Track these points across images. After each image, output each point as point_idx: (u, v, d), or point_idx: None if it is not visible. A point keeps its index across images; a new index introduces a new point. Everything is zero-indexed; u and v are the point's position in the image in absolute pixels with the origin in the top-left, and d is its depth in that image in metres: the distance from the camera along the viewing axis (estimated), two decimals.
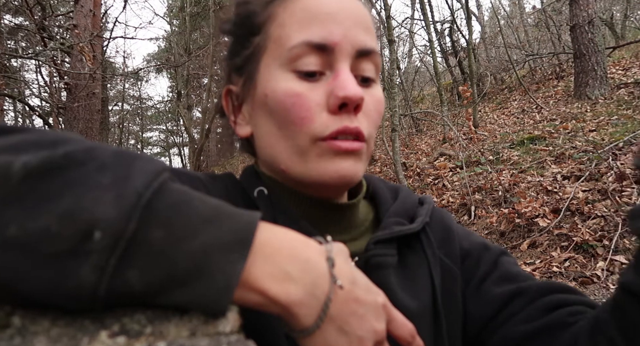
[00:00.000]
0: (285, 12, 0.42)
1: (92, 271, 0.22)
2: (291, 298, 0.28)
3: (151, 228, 0.24)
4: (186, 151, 17.37)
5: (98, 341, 0.22)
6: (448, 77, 11.39)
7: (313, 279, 0.29)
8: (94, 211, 0.22)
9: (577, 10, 6.07)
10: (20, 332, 0.21)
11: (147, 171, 0.25)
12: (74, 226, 0.22)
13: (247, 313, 0.29)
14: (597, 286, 2.56)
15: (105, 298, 0.23)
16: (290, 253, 0.29)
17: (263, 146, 0.46)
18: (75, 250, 0.22)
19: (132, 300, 0.24)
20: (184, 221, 0.25)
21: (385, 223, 0.49)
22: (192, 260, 0.24)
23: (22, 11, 6.93)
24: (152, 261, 0.24)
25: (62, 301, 0.22)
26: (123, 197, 0.23)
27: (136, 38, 26.28)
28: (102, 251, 0.22)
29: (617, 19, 10.51)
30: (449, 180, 4.99)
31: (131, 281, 0.23)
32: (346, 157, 0.42)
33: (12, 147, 0.23)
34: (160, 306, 0.25)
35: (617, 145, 3.79)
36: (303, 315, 0.29)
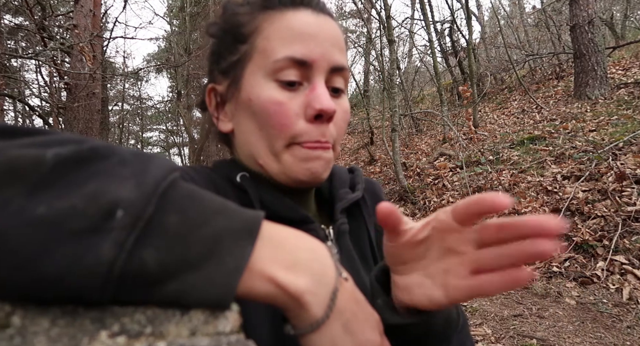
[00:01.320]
0: (271, 27, 0.49)
1: (111, 247, 0.23)
2: (300, 286, 0.29)
3: (167, 213, 0.26)
4: (186, 151, 17.40)
5: (98, 341, 0.22)
6: (448, 77, 11.39)
7: (321, 268, 0.31)
8: (118, 193, 0.24)
9: (577, 10, 6.07)
10: (20, 332, 0.21)
11: (163, 167, 0.28)
12: (98, 205, 0.24)
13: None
14: (597, 286, 2.56)
15: (120, 278, 0.23)
16: (296, 242, 0.31)
17: (243, 143, 0.53)
18: (97, 227, 0.23)
19: (145, 284, 0.25)
20: (196, 210, 0.27)
21: (339, 193, 0.58)
22: (204, 245, 0.26)
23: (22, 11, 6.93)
24: (167, 243, 0.25)
25: (78, 281, 0.23)
26: (143, 185, 0.26)
27: (136, 38, 26.27)
28: (123, 229, 0.24)
29: (617, 19, 10.51)
30: (449, 180, 4.99)
31: (146, 260, 0.24)
32: (317, 159, 0.49)
33: (42, 144, 0.26)
34: (167, 300, 0.25)
35: (617, 145, 3.79)
36: (312, 304, 0.30)
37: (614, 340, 2.08)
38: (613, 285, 2.52)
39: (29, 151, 0.24)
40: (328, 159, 0.50)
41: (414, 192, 5.02)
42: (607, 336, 2.11)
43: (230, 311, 0.27)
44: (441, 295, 0.38)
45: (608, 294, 2.48)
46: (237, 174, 0.51)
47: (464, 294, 0.37)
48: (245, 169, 0.54)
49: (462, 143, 5.70)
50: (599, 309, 2.35)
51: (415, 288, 0.40)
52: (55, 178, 0.24)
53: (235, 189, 0.51)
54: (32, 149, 0.25)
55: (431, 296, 0.39)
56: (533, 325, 2.33)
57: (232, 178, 0.51)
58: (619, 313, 2.29)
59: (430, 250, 0.39)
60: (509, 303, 2.62)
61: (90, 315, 0.23)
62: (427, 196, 4.85)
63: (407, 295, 0.40)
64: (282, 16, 0.49)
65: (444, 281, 0.38)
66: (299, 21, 0.48)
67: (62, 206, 0.23)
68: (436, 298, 0.38)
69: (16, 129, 0.27)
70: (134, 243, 0.24)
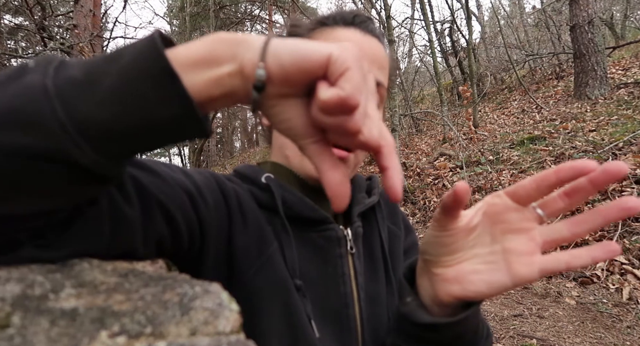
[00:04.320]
0: (320, 37, 0.55)
1: (39, 74, 0.25)
2: (235, 65, 0.27)
3: (70, 68, 0.26)
4: (186, 151, 17.36)
5: (98, 341, 0.22)
6: (448, 77, 11.39)
7: (238, 39, 0.28)
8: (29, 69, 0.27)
9: (577, 10, 6.07)
10: (20, 332, 0.21)
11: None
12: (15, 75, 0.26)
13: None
14: (597, 286, 2.56)
15: (57, 93, 0.25)
16: (201, 46, 0.28)
17: (277, 135, 0.59)
18: (23, 73, 0.26)
19: (81, 88, 0.25)
20: (97, 60, 0.27)
21: (357, 197, 0.60)
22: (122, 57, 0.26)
23: (22, 11, 6.94)
24: (85, 65, 0.27)
25: (28, 106, 0.24)
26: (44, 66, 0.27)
27: (136, 38, 26.28)
28: (41, 66, 0.26)
29: (617, 19, 10.51)
30: (449, 180, 4.99)
31: (72, 73, 0.26)
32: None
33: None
34: (112, 98, 0.25)
35: (617, 145, 3.79)
36: (249, 67, 0.26)
37: (614, 340, 2.08)
38: (613, 285, 2.52)
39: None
40: (346, 161, 0.53)
41: (414, 192, 5.02)
42: (607, 336, 2.11)
43: (231, 311, 0.27)
44: (504, 277, 0.39)
45: (608, 294, 2.48)
46: (262, 175, 0.54)
47: (535, 270, 0.38)
48: (271, 168, 0.58)
49: (462, 143, 5.70)
50: (599, 309, 2.35)
51: (470, 276, 0.40)
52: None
53: (260, 190, 0.54)
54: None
55: (491, 280, 0.39)
56: (533, 325, 2.33)
57: (257, 180, 0.54)
58: (619, 313, 2.29)
59: (482, 236, 0.40)
60: (509, 303, 2.62)
61: (90, 314, 0.23)
62: (427, 196, 4.85)
63: (458, 285, 0.40)
64: (333, 31, 0.55)
65: (507, 262, 0.39)
66: (345, 35, 0.54)
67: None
68: (498, 280, 0.39)
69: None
70: (57, 67, 0.26)
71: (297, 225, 0.53)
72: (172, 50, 0.27)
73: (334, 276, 0.53)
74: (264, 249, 0.49)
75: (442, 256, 0.41)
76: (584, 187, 0.36)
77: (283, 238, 0.51)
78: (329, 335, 0.50)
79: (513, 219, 0.39)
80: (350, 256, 0.55)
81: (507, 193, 0.39)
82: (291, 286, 0.49)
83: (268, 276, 0.48)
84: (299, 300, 0.49)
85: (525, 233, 0.39)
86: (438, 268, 0.42)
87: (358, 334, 0.52)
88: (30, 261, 0.28)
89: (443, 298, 0.41)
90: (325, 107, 0.25)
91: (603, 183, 0.35)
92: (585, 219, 0.37)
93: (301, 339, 0.47)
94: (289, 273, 0.49)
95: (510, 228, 0.39)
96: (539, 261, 0.38)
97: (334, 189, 0.28)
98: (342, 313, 0.52)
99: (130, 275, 0.29)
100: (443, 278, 0.41)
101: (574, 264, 0.37)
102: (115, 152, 0.27)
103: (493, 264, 0.39)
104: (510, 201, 0.39)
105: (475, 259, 0.40)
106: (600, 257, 0.36)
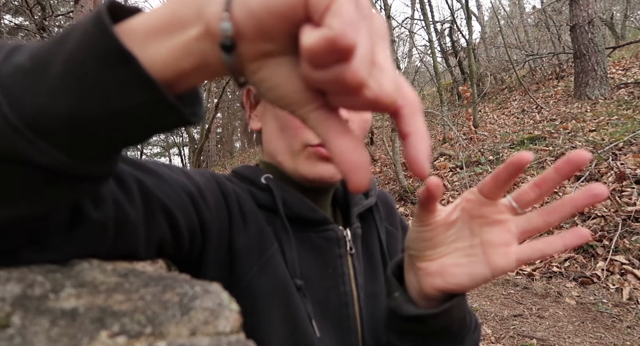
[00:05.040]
0: None
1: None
2: (201, 27, 0.21)
3: (18, 55, 0.23)
4: (186, 151, 17.36)
5: (98, 341, 0.22)
6: (448, 77, 11.38)
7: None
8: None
9: (577, 10, 6.07)
10: (20, 332, 0.21)
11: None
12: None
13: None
14: (597, 286, 2.56)
15: (0, 82, 0.22)
16: (155, 15, 0.23)
17: (267, 140, 0.58)
18: None
19: (30, 80, 0.22)
20: (47, 42, 0.23)
21: (354, 199, 0.61)
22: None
23: (22, 11, 6.94)
24: (34, 48, 0.23)
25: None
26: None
27: None
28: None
29: (617, 19, 10.51)
30: (449, 180, 4.99)
31: (19, 59, 0.22)
32: (327, 163, 0.53)
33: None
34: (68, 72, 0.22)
35: (617, 145, 3.79)
36: (214, 23, 0.21)
37: (614, 340, 2.08)
38: (613, 285, 2.51)
39: None
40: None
41: (414, 192, 5.02)
42: (607, 336, 2.11)
43: (231, 311, 0.27)
44: (483, 268, 0.40)
45: (608, 294, 2.48)
46: (262, 176, 0.55)
47: (512, 260, 0.39)
48: (269, 169, 0.58)
49: (462, 143, 5.70)
50: (599, 309, 2.35)
51: (451, 269, 0.41)
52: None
53: (259, 190, 0.54)
54: None
55: (472, 272, 0.41)
56: (533, 325, 2.32)
57: (257, 181, 0.55)
58: (619, 313, 2.29)
59: (462, 230, 0.42)
60: (509, 303, 2.62)
61: (90, 314, 0.23)
62: None
63: (440, 278, 0.42)
64: None
65: (485, 254, 0.40)
66: None
67: None
68: (478, 272, 0.40)
69: None
70: (4, 57, 0.23)
71: (296, 226, 0.53)
72: (128, 22, 0.22)
73: (333, 276, 0.53)
74: (264, 250, 0.49)
75: (425, 251, 0.42)
76: (552, 177, 0.38)
77: (283, 239, 0.52)
78: (329, 334, 0.50)
79: (488, 212, 0.40)
80: (350, 256, 0.56)
81: (478, 189, 0.41)
82: (292, 286, 0.49)
83: (269, 277, 0.48)
84: (300, 300, 0.49)
85: (501, 225, 0.40)
86: (422, 262, 0.43)
87: (358, 333, 0.53)
88: (30, 262, 0.28)
89: (428, 291, 0.43)
90: (311, 57, 0.19)
91: (568, 171, 0.37)
92: (556, 208, 0.38)
93: (302, 339, 0.47)
94: (290, 273, 0.50)
95: (487, 221, 0.41)
96: (516, 251, 0.39)
97: (346, 160, 0.21)
98: (342, 313, 0.52)
99: (130, 275, 0.29)
100: (426, 272, 0.42)
101: (548, 252, 0.38)
102: (85, 149, 0.23)
103: (473, 257, 0.41)
104: (482, 197, 0.40)
105: (456, 252, 0.42)
106: (572, 243, 0.38)
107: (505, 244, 0.40)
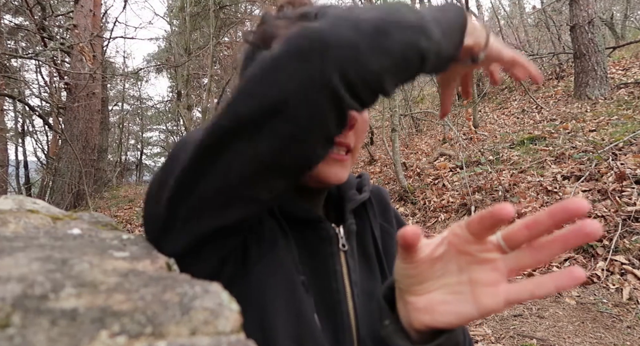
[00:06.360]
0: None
1: (415, 18, 0.41)
2: (477, 40, 0.49)
3: (427, 14, 0.43)
4: None
5: (98, 341, 0.22)
6: None
7: (478, 30, 0.50)
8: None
9: (577, 10, 6.07)
10: (21, 332, 0.21)
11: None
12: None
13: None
14: (597, 286, 2.56)
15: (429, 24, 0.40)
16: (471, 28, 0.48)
17: None
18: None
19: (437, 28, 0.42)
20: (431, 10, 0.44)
21: (348, 194, 0.62)
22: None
23: (22, 11, 6.94)
24: (429, 12, 0.43)
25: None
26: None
27: (136, 38, 26.29)
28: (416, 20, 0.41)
29: (617, 19, 10.51)
30: (449, 180, 4.99)
31: (429, 16, 0.42)
32: (335, 164, 0.55)
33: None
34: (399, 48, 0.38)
35: (617, 145, 3.79)
36: (482, 39, 0.49)
37: (614, 340, 2.08)
38: (613, 285, 2.52)
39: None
40: (345, 164, 0.56)
41: (414, 192, 5.02)
42: (607, 336, 2.11)
43: (231, 311, 0.27)
44: (471, 308, 0.39)
45: (608, 294, 2.48)
46: None
47: (501, 301, 0.38)
48: None
49: (462, 143, 5.70)
50: (599, 309, 2.35)
51: (439, 307, 0.40)
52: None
53: None
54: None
55: (459, 311, 0.39)
56: (533, 325, 2.33)
57: None
58: (619, 313, 2.29)
59: (450, 265, 0.40)
60: None
61: (91, 314, 0.23)
62: (427, 196, 4.85)
63: (428, 315, 0.41)
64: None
65: (473, 293, 0.39)
66: None
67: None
68: (466, 312, 0.39)
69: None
70: (424, 17, 0.41)
71: (291, 224, 0.54)
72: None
73: (325, 273, 0.54)
74: (269, 245, 0.51)
75: (412, 286, 0.42)
76: (544, 221, 0.35)
77: (282, 236, 0.53)
78: (326, 331, 0.51)
79: (475, 250, 0.39)
80: (343, 253, 0.57)
81: (465, 225, 0.39)
82: (297, 281, 0.50)
83: (276, 271, 0.49)
84: (304, 295, 0.50)
85: (489, 264, 0.39)
86: (410, 296, 0.42)
87: (353, 330, 0.53)
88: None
89: (416, 326, 0.42)
90: (515, 73, 0.55)
91: (562, 219, 0.34)
92: (546, 245, 0.37)
93: (306, 330, 0.48)
94: (294, 269, 0.51)
95: (475, 260, 0.39)
96: (504, 291, 0.38)
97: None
98: (337, 310, 0.53)
99: (130, 275, 0.29)
100: (415, 307, 0.42)
101: (539, 294, 0.37)
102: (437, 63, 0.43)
103: (460, 295, 0.39)
104: (469, 234, 0.39)
105: (444, 289, 0.41)
106: (565, 285, 0.36)
107: (493, 283, 0.38)
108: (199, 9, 11.14)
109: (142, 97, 18.78)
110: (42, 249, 0.31)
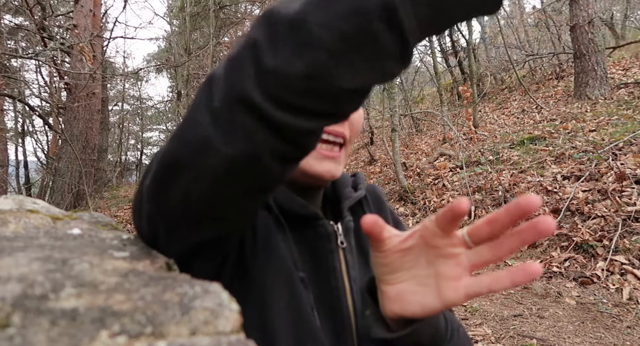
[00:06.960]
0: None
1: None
2: None
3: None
4: None
5: (98, 341, 0.22)
6: (448, 77, 11.39)
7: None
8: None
9: (577, 10, 6.07)
10: (21, 332, 0.21)
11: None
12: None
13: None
14: (597, 286, 2.56)
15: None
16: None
17: None
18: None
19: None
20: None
21: (344, 192, 0.63)
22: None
23: (22, 11, 6.94)
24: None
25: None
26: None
27: (136, 38, 26.28)
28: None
29: (617, 19, 10.51)
30: (449, 180, 4.99)
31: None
32: (327, 161, 0.55)
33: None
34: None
35: (617, 145, 3.79)
36: None
37: (614, 340, 2.08)
38: (613, 285, 2.52)
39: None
40: (337, 160, 0.57)
41: (414, 192, 5.02)
42: (607, 336, 2.11)
43: (231, 311, 0.27)
44: (435, 300, 0.41)
45: (608, 294, 2.48)
46: None
47: (461, 295, 0.40)
48: None
49: (462, 143, 5.71)
50: (599, 309, 2.35)
51: (407, 297, 0.42)
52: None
53: None
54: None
55: (423, 302, 0.41)
56: (533, 325, 2.33)
57: None
58: (619, 313, 2.29)
59: (420, 257, 0.42)
60: (509, 303, 2.62)
61: (91, 314, 0.23)
62: (427, 196, 4.85)
63: (397, 304, 0.43)
64: None
65: (437, 286, 0.41)
66: None
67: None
68: (429, 304, 0.41)
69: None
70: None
71: (289, 222, 0.55)
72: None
73: (325, 270, 0.55)
74: (268, 242, 0.52)
75: (385, 275, 0.43)
76: (502, 218, 0.37)
77: (280, 233, 0.54)
78: (325, 327, 0.52)
79: (442, 244, 0.41)
80: (342, 250, 0.57)
81: (434, 219, 0.41)
82: (296, 277, 0.51)
83: (274, 268, 0.50)
84: (303, 291, 0.51)
85: (454, 258, 0.41)
86: (384, 285, 0.44)
87: (352, 326, 0.54)
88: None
89: (388, 315, 0.44)
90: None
91: (516, 216, 0.36)
92: (504, 241, 0.38)
93: (305, 327, 0.49)
94: (294, 266, 0.52)
95: (441, 253, 0.41)
96: (465, 285, 0.40)
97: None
98: (335, 306, 0.54)
99: (130, 275, 0.29)
100: (387, 296, 0.43)
101: (495, 288, 0.38)
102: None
103: (427, 287, 0.41)
104: (437, 228, 0.40)
105: (414, 280, 0.42)
106: (520, 280, 0.38)
107: (456, 278, 0.40)
108: (199, 9, 11.14)
109: (142, 97, 18.79)
110: (42, 249, 0.31)
